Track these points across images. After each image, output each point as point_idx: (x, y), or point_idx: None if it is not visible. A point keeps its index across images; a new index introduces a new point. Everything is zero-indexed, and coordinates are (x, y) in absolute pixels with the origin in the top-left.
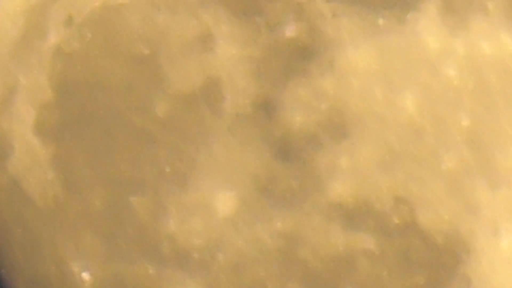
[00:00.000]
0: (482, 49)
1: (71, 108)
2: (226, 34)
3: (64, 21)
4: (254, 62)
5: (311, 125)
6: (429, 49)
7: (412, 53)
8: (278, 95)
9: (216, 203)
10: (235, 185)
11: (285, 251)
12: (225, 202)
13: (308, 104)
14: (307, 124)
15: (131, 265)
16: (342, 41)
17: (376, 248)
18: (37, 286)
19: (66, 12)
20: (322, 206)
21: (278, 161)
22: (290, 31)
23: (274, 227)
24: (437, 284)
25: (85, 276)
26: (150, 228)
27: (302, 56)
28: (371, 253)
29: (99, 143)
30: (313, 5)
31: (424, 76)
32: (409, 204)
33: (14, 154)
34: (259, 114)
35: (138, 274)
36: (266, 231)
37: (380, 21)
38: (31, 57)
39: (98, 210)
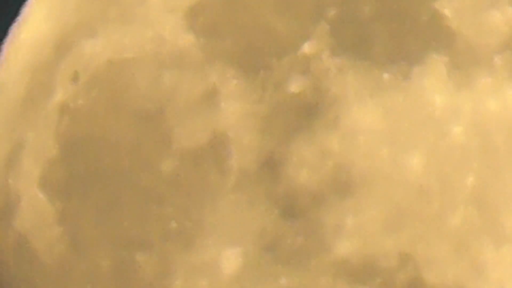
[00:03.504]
0: (488, 106)
1: (77, 165)
2: (232, 90)
3: (70, 78)
4: (259, 118)
5: (316, 182)
6: (435, 106)
7: (418, 110)
8: (283, 152)
9: (221, 261)
10: (240, 243)
11: None
12: (230, 260)
13: (313, 161)
14: (312, 181)
15: None
16: (347, 98)
17: None
18: None
19: (72, 69)
20: (328, 264)
21: (284, 219)
22: (296, 87)
23: (279, 285)
24: None
25: None
26: (156, 287)
27: (308, 113)
28: None
29: (105, 200)
30: (319, 61)
31: (430, 134)
32: (415, 262)
33: (20, 210)
34: (264, 171)
35: None
36: None
37: (386, 77)
38: (37, 114)
39: (104, 268)
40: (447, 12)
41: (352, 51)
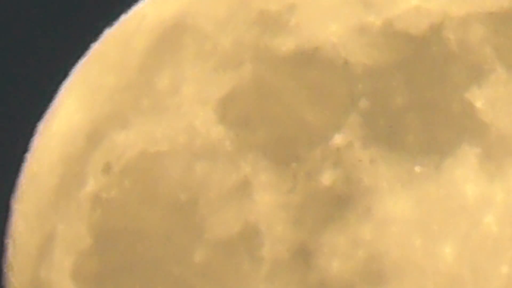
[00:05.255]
0: None
1: (109, 256)
2: (264, 181)
3: (102, 169)
4: (291, 209)
5: (348, 272)
6: (467, 196)
7: (450, 200)
8: (316, 242)
9: None
10: None
11: None
12: None
13: (345, 251)
14: (344, 271)
15: None
16: (380, 188)
17: None
18: None
19: (104, 160)
20: None
21: None
22: (328, 178)
23: None
24: None
25: None
26: None
27: (340, 204)
28: None
29: None
30: (351, 152)
31: (462, 224)
32: None
33: None
34: (296, 261)
35: None
36: None
37: (417, 169)
38: (69, 204)
39: None
40: (479, 103)
41: (384, 142)
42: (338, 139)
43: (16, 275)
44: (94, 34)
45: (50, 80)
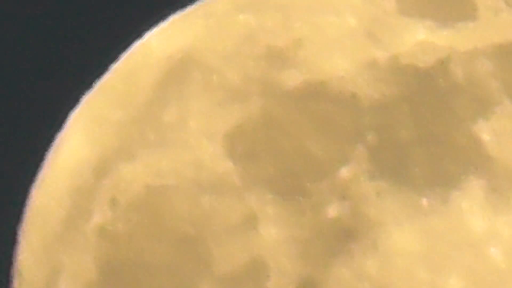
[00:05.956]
0: None
1: None
2: (270, 215)
3: (108, 203)
4: (298, 242)
5: None
6: (473, 230)
7: (456, 234)
8: (322, 276)
9: None
10: None
11: None
12: None
13: (351, 284)
14: None
15: None
16: (386, 221)
17: None
18: None
19: (111, 194)
20: None
21: None
22: (334, 212)
23: None
24: None
25: None
26: None
27: (346, 237)
28: None
29: None
30: (357, 185)
31: (469, 258)
32: None
33: None
34: None
35: None
36: None
37: (424, 201)
38: (76, 237)
39: None
40: (485, 136)
41: (390, 175)
42: (344, 172)
43: None
44: (100, 67)
45: (57, 113)
